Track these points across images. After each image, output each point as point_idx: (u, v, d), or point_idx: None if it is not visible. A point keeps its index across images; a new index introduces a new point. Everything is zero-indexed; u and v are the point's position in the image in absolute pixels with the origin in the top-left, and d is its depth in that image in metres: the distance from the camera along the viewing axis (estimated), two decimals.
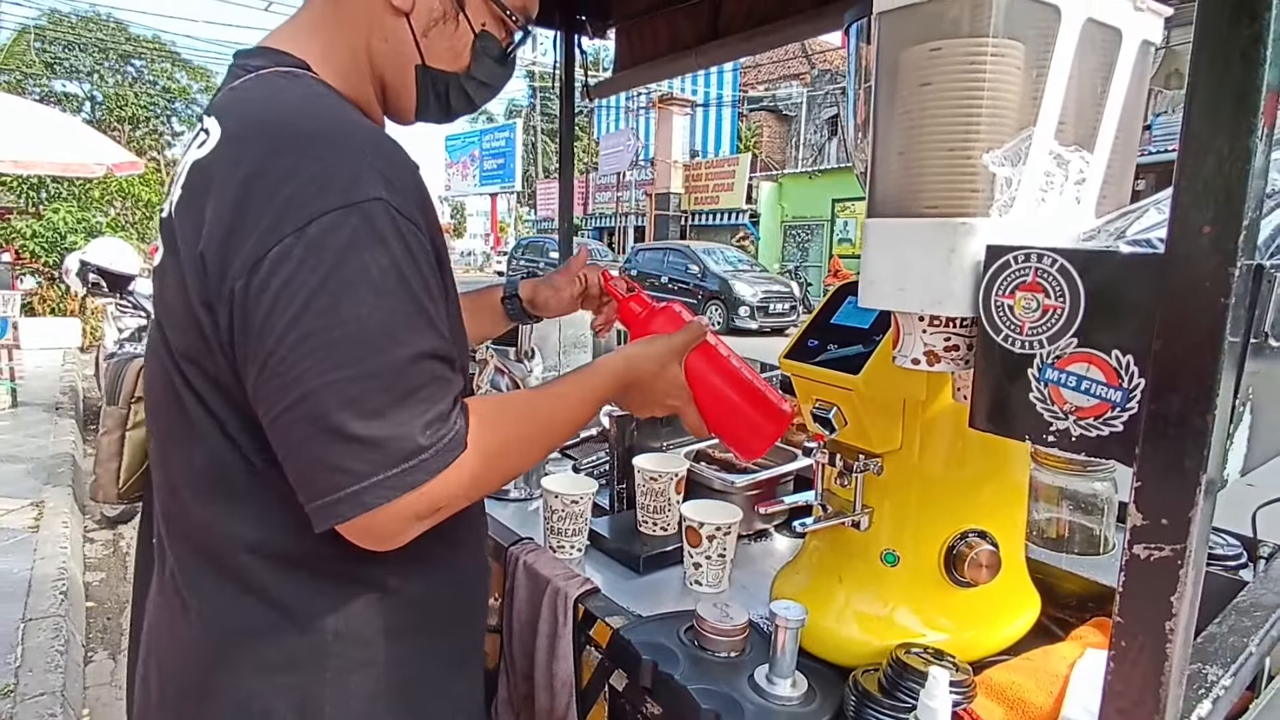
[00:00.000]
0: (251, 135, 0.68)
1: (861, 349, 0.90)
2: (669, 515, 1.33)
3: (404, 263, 0.66)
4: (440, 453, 0.66)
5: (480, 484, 0.72)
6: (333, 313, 0.62)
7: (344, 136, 0.68)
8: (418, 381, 0.65)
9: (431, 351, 0.67)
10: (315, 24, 0.80)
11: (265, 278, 0.63)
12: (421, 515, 0.67)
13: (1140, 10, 0.71)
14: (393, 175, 0.67)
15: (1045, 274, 0.56)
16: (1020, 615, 1.01)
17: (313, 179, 0.64)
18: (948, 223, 0.62)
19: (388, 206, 0.65)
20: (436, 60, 0.83)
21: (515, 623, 1.25)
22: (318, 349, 0.62)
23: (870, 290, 0.69)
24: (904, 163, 0.66)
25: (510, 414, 0.78)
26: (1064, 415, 0.56)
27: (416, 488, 0.65)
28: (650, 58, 2.24)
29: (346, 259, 0.63)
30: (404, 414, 0.64)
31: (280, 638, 0.73)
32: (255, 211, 0.64)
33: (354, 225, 0.63)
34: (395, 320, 0.65)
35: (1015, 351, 0.59)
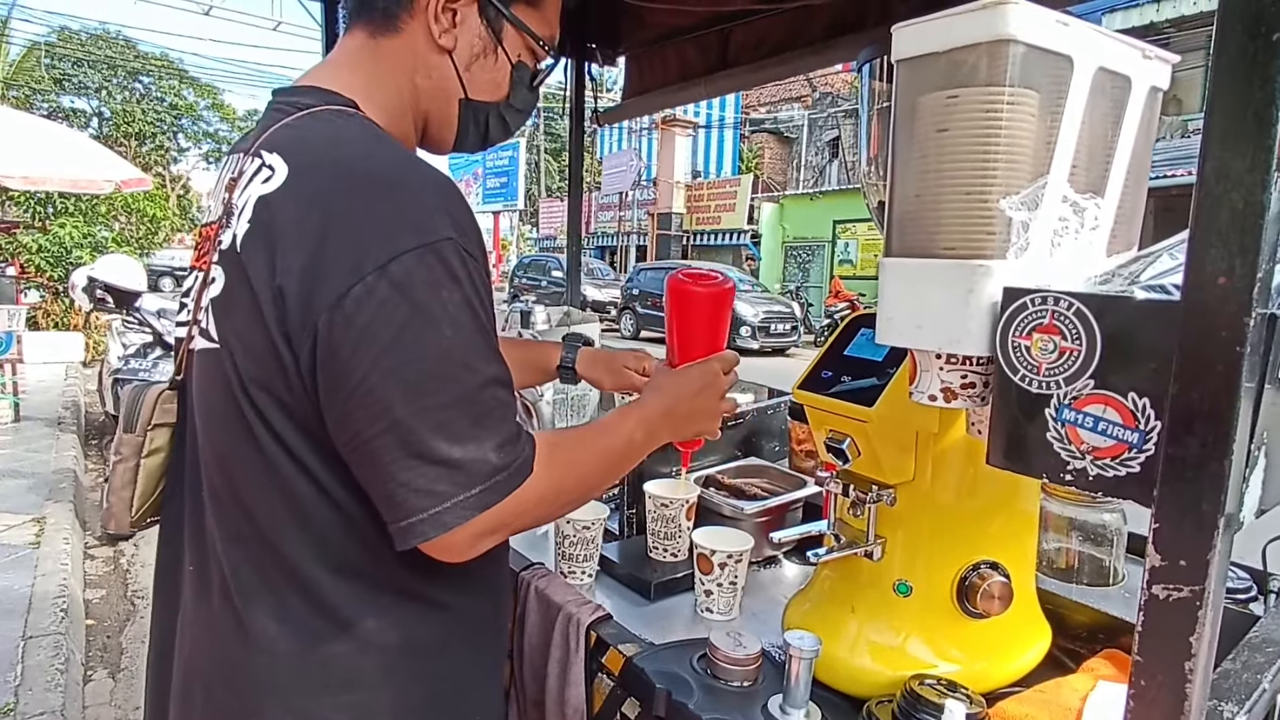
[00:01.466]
0: (322, 173, 0.72)
1: (875, 381, 0.91)
2: (679, 542, 1.34)
3: (472, 297, 0.71)
4: (512, 475, 0.70)
5: (544, 507, 0.77)
6: (418, 347, 0.67)
7: (413, 178, 0.72)
8: (489, 406, 0.70)
9: (497, 378, 0.72)
10: (357, 63, 0.83)
11: (351, 314, 0.67)
12: (491, 533, 0.72)
13: (1148, 59, 0.73)
14: (459, 215, 0.72)
15: (1062, 317, 0.58)
16: (1031, 647, 1.01)
17: (389, 219, 0.68)
18: (965, 264, 0.64)
19: (458, 246, 0.70)
20: (479, 93, 0.88)
21: (526, 648, 1.25)
22: (406, 380, 0.67)
23: (888, 327, 0.70)
24: (921, 205, 0.68)
25: (570, 440, 0.83)
26: (1081, 455, 0.57)
27: (490, 507, 0.69)
28: (659, 85, 2.28)
29: (427, 296, 0.67)
30: (481, 437, 0.69)
31: (344, 655, 0.75)
32: (335, 250, 0.68)
33: (430, 264, 0.68)
34: (469, 350, 0.70)
35: (1032, 391, 0.60)
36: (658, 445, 0.93)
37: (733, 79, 2.05)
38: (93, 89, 25.95)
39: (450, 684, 0.82)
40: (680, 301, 1.04)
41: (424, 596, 0.79)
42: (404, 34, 0.82)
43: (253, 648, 0.76)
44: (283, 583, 0.76)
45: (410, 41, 0.82)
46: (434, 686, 0.80)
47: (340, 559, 0.75)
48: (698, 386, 0.96)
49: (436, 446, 0.67)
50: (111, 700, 2.77)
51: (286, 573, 0.75)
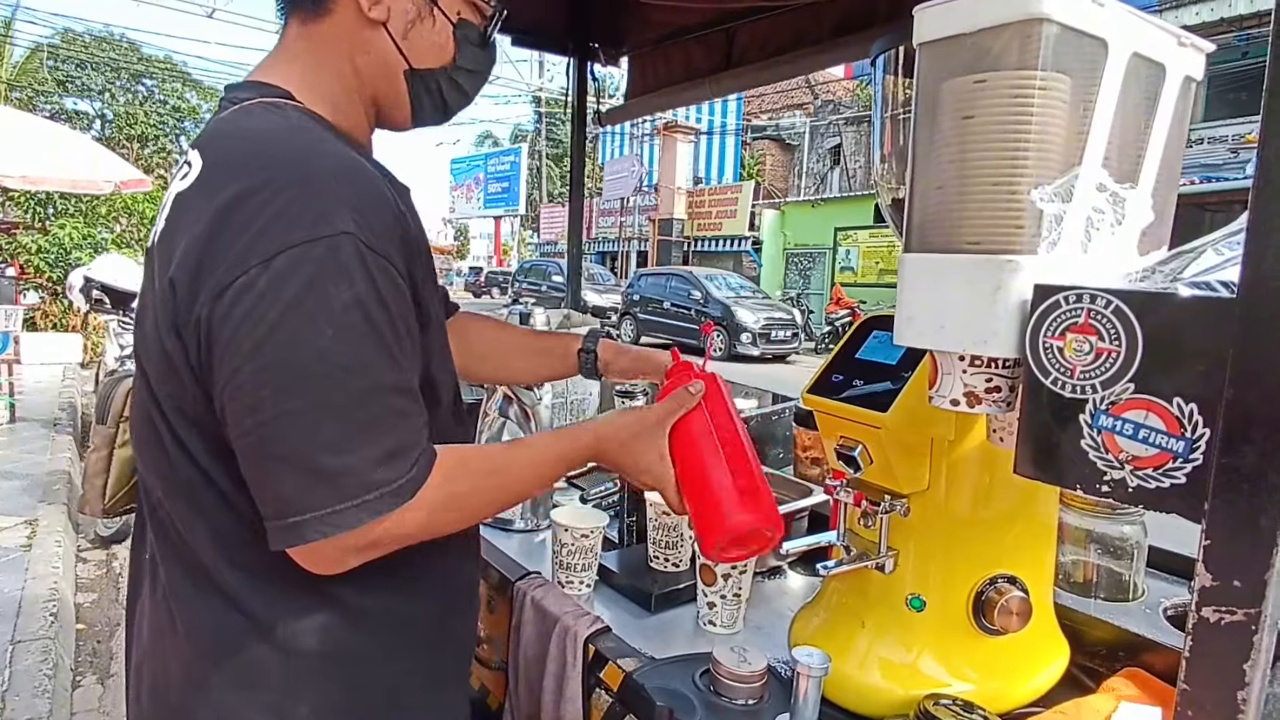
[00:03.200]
0: (228, 167, 0.70)
1: (890, 386, 0.87)
2: (681, 551, 1.29)
3: (368, 297, 0.66)
4: (388, 495, 0.66)
5: (423, 533, 0.72)
6: (292, 344, 0.63)
7: (317, 169, 0.68)
8: (373, 414, 0.66)
9: (392, 385, 0.68)
10: (294, 52, 0.81)
11: (229, 307, 0.64)
12: (359, 550, 0.68)
13: (1184, 46, 0.69)
14: (365, 208, 0.68)
15: (1099, 315, 0.54)
16: (1049, 665, 0.97)
17: (282, 212, 0.65)
18: (993, 259, 0.60)
19: (356, 241, 0.66)
20: (422, 60, 0.83)
21: (521, 660, 1.21)
22: (275, 379, 0.64)
23: (908, 327, 0.66)
24: (944, 197, 0.64)
25: (475, 469, 0.78)
26: (1120, 465, 0.53)
27: (358, 527, 0.65)
28: (663, 85, 2.24)
29: (309, 292, 0.64)
30: (357, 448, 0.65)
31: (263, 656, 0.74)
32: (225, 242, 0.65)
33: (318, 258, 0.64)
34: (353, 353, 0.65)
35: (1065, 396, 0.56)
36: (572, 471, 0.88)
37: (738, 79, 2.02)
38: (96, 91, 25.99)
39: (383, 693, 0.79)
40: None
41: (348, 601, 0.75)
42: (334, 15, 0.79)
43: (182, 639, 0.76)
44: (204, 583, 0.74)
45: (342, 21, 0.79)
46: (361, 695, 0.77)
47: (252, 562, 0.72)
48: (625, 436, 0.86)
49: (302, 453, 0.64)
50: (100, 707, 2.72)
51: (205, 574, 0.74)
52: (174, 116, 26.01)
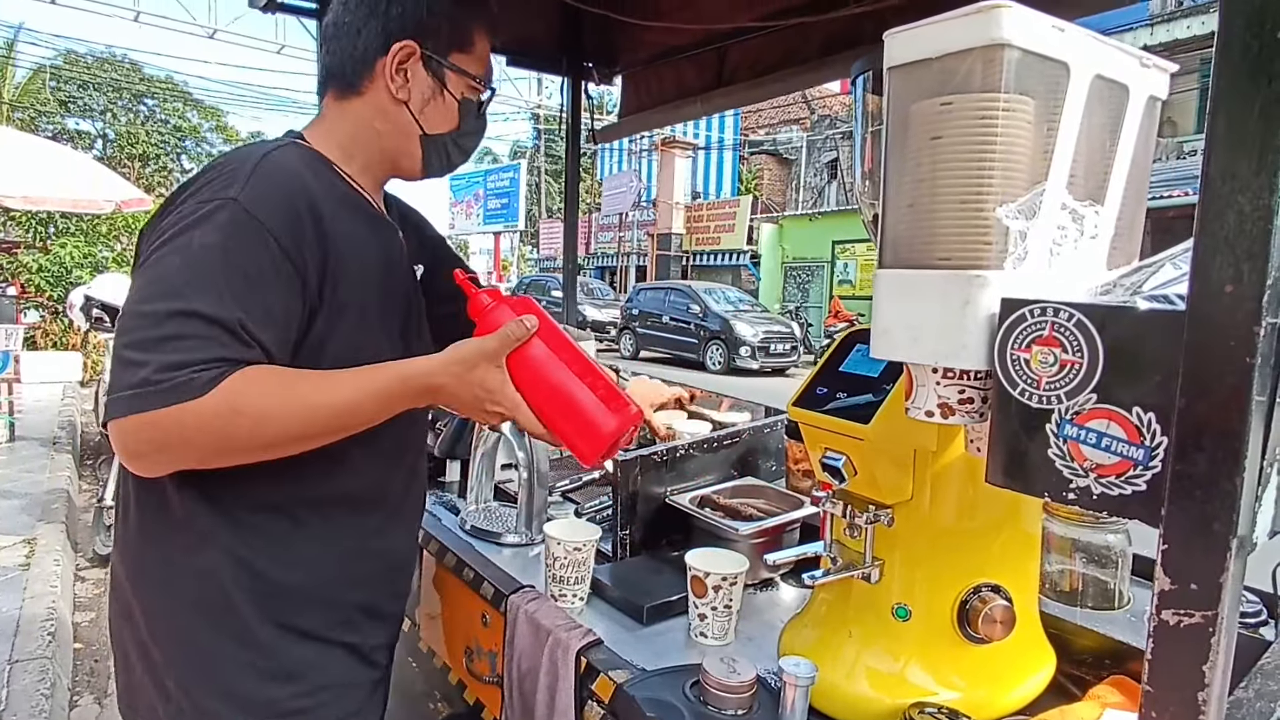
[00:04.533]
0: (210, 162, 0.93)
1: (871, 398, 0.89)
2: None
3: (218, 244, 0.82)
4: (165, 390, 0.78)
5: (215, 431, 0.82)
6: (156, 264, 0.83)
7: (249, 161, 0.89)
8: (175, 331, 0.79)
9: (205, 313, 0.80)
10: (332, 125, 1.04)
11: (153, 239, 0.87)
12: (157, 445, 0.81)
13: (1146, 67, 0.72)
14: (261, 187, 0.87)
15: (1062, 328, 0.56)
16: (1035, 673, 0.98)
17: (203, 186, 0.87)
18: (961, 275, 0.62)
19: (238, 205, 0.84)
20: (434, 128, 1.06)
21: (515, 674, 1.22)
22: (136, 284, 0.83)
23: (883, 341, 0.68)
24: (915, 214, 0.66)
25: (273, 381, 0.86)
26: (1084, 472, 0.55)
27: (141, 412, 0.78)
28: (655, 104, 2.28)
29: (182, 232, 0.83)
30: (151, 350, 0.79)
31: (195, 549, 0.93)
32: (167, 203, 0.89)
33: (201, 212, 0.84)
34: (185, 281, 0.81)
35: (1032, 406, 0.58)
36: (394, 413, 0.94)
37: (729, 97, 2.05)
38: (98, 111, 26.18)
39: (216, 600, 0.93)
40: None
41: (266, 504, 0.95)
42: (365, 95, 1.02)
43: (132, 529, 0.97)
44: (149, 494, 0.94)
45: (374, 99, 1.02)
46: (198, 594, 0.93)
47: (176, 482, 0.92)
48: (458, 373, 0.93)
49: (125, 344, 0.80)
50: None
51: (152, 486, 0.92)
52: (175, 136, 26.18)
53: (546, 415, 0.95)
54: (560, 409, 0.95)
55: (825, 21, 1.74)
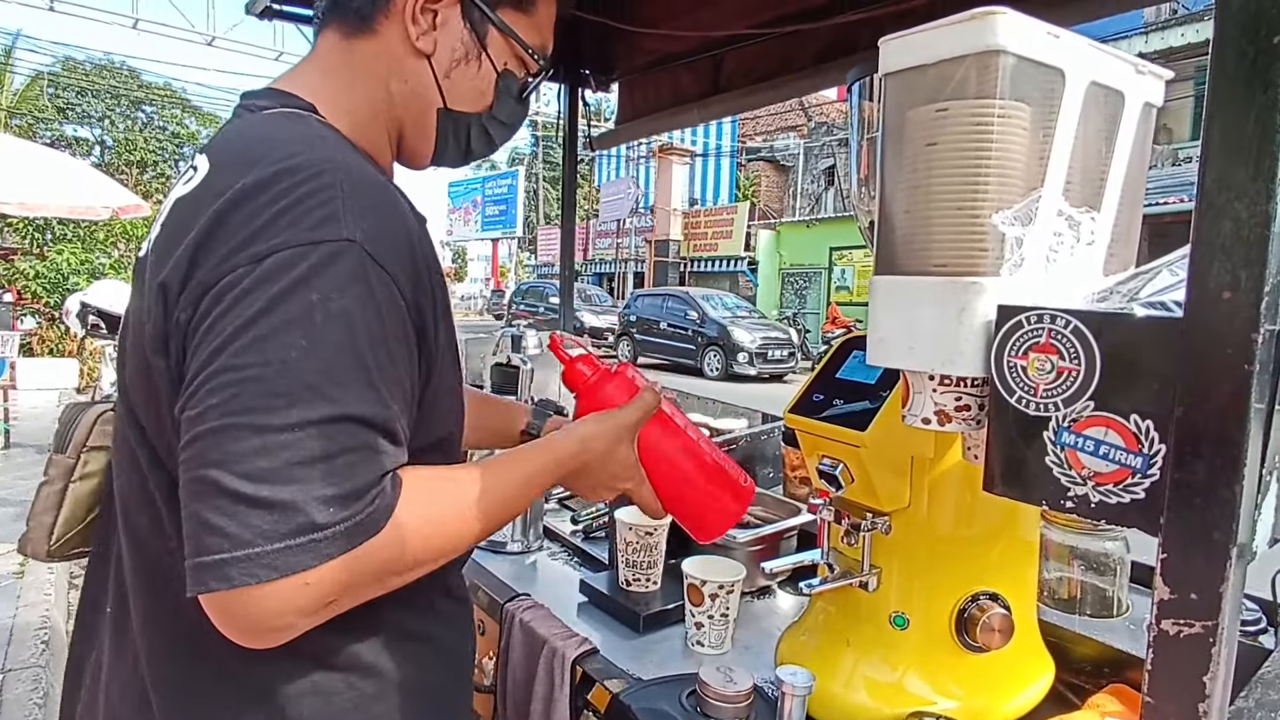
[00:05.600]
0: (236, 168, 0.64)
1: (868, 405, 0.88)
2: (654, 571, 1.30)
3: (359, 312, 0.59)
4: (339, 536, 0.56)
5: (391, 571, 0.62)
6: (255, 350, 0.55)
7: (331, 173, 0.62)
8: (335, 447, 0.56)
9: (362, 416, 0.58)
10: (327, 67, 0.77)
11: (208, 308, 0.58)
12: (307, 610, 0.57)
13: (1142, 74, 0.72)
14: (375, 222, 0.62)
15: (1059, 335, 0.55)
16: (1034, 681, 0.97)
17: (284, 211, 0.59)
18: (957, 281, 0.62)
19: (360, 251, 0.59)
20: (459, 102, 0.80)
21: (510, 683, 1.21)
22: (228, 386, 0.55)
23: (879, 348, 0.68)
24: (911, 221, 0.66)
25: (447, 494, 0.68)
26: (1082, 480, 0.54)
27: (298, 572, 0.55)
28: (652, 110, 2.28)
29: (291, 296, 0.57)
30: (305, 480, 0.55)
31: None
32: (219, 241, 0.60)
33: (312, 263, 0.58)
34: (325, 372, 0.57)
35: (1030, 414, 0.57)
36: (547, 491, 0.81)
37: (725, 103, 2.05)
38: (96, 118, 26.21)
39: None
40: None
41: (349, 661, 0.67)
42: (379, 36, 0.75)
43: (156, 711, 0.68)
44: (182, 644, 0.66)
45: (386, 44, 0.75)
46: None
47: None
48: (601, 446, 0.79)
49: (240, 475, 0.54)
50: None
51: (184, 630, 0.64)
52: (173, 142, 26.21)
53: (666, 491, 0.85)
54: (686, 488, 0.86)
55: (821, 29, 1.74)
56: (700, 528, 0.87)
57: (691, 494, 0.86)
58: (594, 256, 24.92)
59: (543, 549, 1.55)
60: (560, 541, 1.57)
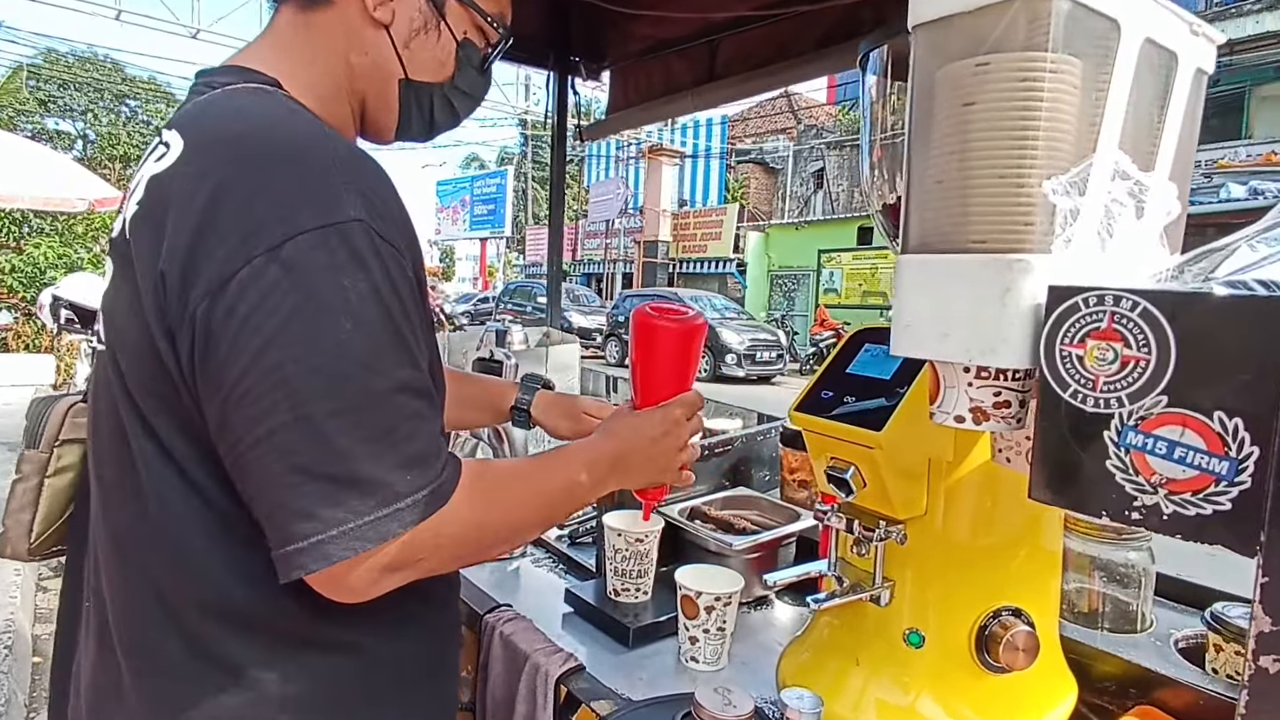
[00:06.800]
0: (219, 147, 0.63)
1: (884, 402, 0.81)
2: (644, 580, 1.22)
3: (383, 287, 0.61)
4: (421, 502, 0.61)
5: (462, 546, 0.67)
6: (308, 341, 0.57)
7: (322, 152, 0.63)
8: (396, 417, 0.60)
9: (410, 384, 0.62)
10: (286, 42, 0.75)
11: (233, 301, 0.57)
12: (395, 569, 0.62)
13: (1196, 35, 0.64)
14: (374, 196, 0.63)
15: (1124, 319, 0.48)
16: (1057, 704, 0.90)
17: (288, 195, 0.59)
18: (1000, 259, 0.54)
19: (368, 228, 0.61)
20: (419, 72, 0.79)
21: (489, 701, 1.12)
22: (290, 379, 0.57)
23: (906, 336, 0.60)
24: (944, 192, 0.58)
25: (504, 475, 0.73)
26: (1152, 488, 0.47)
27: (391, 539, 0.59)
28: (645, 99, 2.20)
29: (324, 283, 0.58)
30: (382, 453, 0.59)
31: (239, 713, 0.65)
32: (224, 228, 0.59)
33: (332, 247, 0.59)
34: (374, 349, 0.60)
35: (1087, 410, 0.49)
36: (604, 492, 0.83)
37: (720, 91, 1.98)
38: (78, 111, 25.80)
39: None
40: (645, 337, 0.91)
41: (334, 641, 0.68)
42: (336, 7, 0.74)
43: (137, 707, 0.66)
44: (167, 630, 0.65)
45: (343, 16, 0.74)
46: None
47: (236, 598, 0.64)
48: (656, 433, 0.86)
49: (323, 460, 0.57)
50: None
51: (173, 617, 0.65)
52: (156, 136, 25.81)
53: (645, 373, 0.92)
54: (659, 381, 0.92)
55: (822, 11, 1.67)
56: None
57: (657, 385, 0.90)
58: (583, 257, 24.79)
59: (526, 555, 1.46)
60: (545, 547, 1.49)
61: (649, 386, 0.90)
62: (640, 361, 0.91)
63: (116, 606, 0.69)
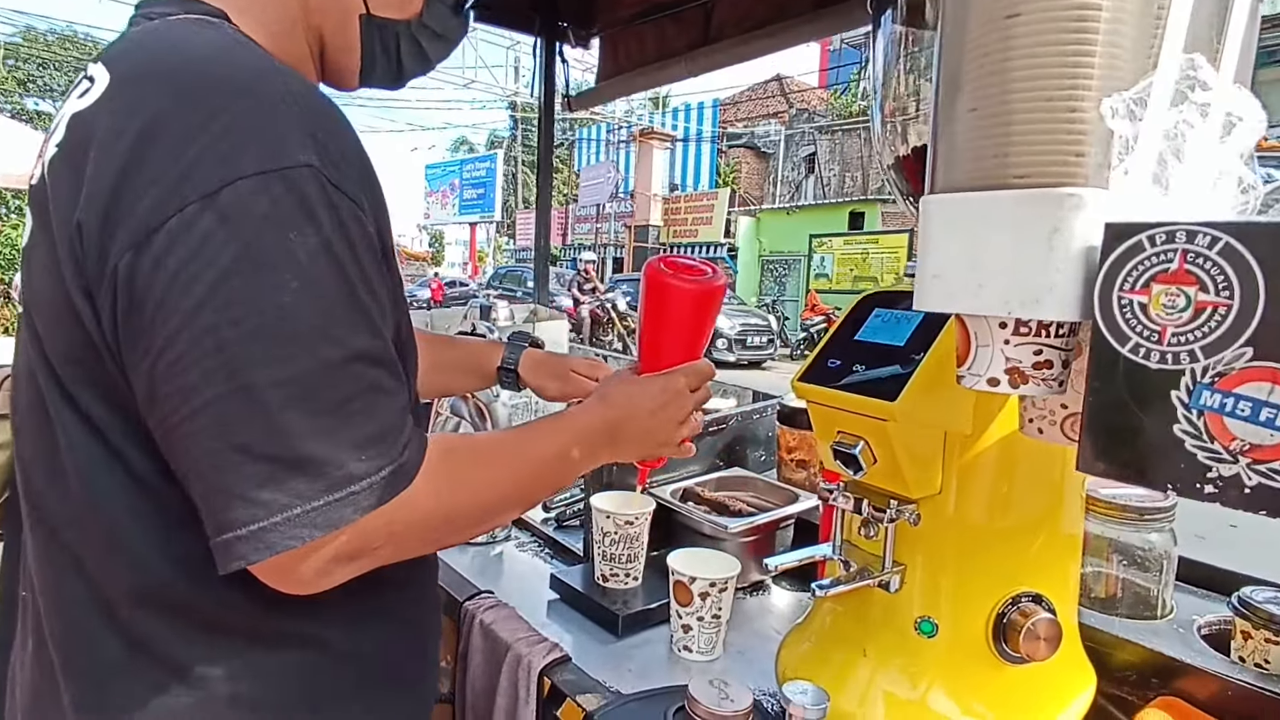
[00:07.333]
0: (152, 81, 0.55)
1: (899, 370, 0.73)
2: (640, 563, 1.15)
3: (338, 245, 0.53)
4: (378, 485, 0.54)
5: (434, 527, 0.61)
6: (247, 301, 0.50)
7: (271, 88, 0.54)
8: (352, 389, 0.53)
9: (368, 353, 0.55)
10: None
11: (160, 254, 0.50)
12: (351, 557, 0.55)
13: None
14: (328, 140, 0.55)
15: (1200, 258, 0.40)
16: (1076, 696, 0.84)
17: (226, 135, 0.51)
18: (1048, 194, 0.47)
19: (320, 175, 0.53)
20: (382, 7, 0.71)
21: (469, 693, 1.05)
22: (227, 345, 0.50)
23: (934, 288, 0.52)
24: (979, 121, 0.50)
25: (479, 452, 0.66)
26: (1231, 456, 0.40)
27: (344, 526, 0.52)
28: (636, 66, 2.11)
29: (266, 236, 0.51)
30: (335, 430, 0.52)
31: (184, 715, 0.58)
32: (151, 171, 0.51)
33: (276, 195, 0.51)
34: (325, 312, 0.52)
35: (1151, 367, 0.42)
36: (596, 464, 0.76)
37: (715, 56, 1.89)
38: (59, 91, 25.28)
39: None
40: (656, 296, 0.83)
41: (291, 635, 0.61)
42: None
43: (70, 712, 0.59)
44: (99, 625, 0.58)
45: None
46: None
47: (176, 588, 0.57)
48: (654, 404, 0.79)
49: (265, 437, 0.50)
50: None
51: (105, 611, 0.58)
52: (82, 72, 25.30)
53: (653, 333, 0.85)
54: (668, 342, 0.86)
55: None
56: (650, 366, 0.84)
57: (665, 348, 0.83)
58: (573, 241, 24.60)
59: (510, 538, 1.39)
60: (530, 530, 1.42)
61: (655, 350, 0.83)
62: (648, 322, 0.83)
63: (47, 598, 0.62)
